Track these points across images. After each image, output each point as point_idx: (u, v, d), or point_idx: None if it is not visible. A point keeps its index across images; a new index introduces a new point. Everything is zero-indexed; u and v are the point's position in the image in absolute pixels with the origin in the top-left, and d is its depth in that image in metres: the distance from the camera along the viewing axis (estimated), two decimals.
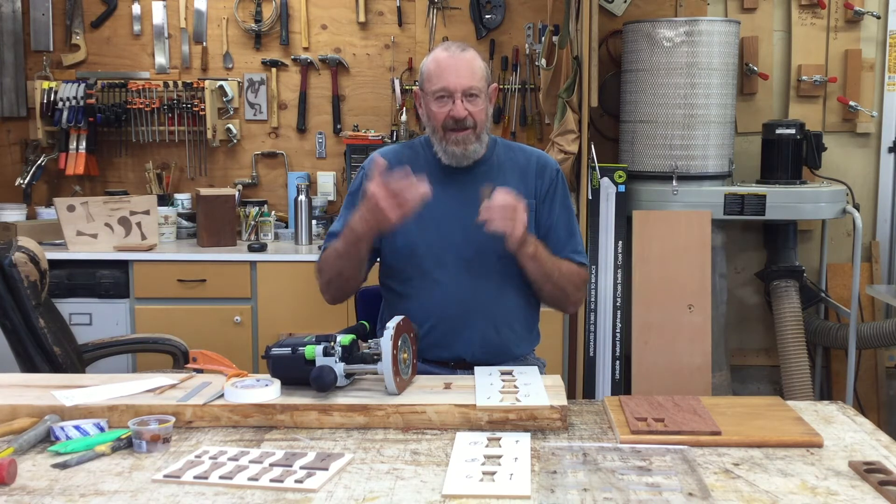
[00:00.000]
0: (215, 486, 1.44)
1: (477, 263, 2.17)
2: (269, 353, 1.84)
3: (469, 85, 2.12)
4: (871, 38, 4.07)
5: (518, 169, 2.26)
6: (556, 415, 1.70)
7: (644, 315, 3.65)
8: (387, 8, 4.18)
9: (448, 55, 2.14)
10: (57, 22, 4.22)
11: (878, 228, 4.14)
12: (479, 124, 2.15)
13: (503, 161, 2.26)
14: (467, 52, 2.16)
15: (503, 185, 2.17)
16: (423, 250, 2.19)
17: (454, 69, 2.12)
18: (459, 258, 2.18)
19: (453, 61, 2.13)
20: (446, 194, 2.19)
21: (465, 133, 2.14)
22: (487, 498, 1.37)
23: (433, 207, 2.16)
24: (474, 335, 2.18)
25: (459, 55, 2.14)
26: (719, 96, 3.68)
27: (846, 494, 1.39)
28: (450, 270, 2.17)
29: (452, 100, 2.12)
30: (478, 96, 2.14)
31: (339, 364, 1.79)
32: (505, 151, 2.29)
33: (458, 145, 2.15)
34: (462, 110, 2.11)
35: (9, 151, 4.25)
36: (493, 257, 2.17)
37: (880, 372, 4.12)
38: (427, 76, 2.17)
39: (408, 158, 2.25)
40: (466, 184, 2.19)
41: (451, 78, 2.11)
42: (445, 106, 2.13)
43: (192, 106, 4.13)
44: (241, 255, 3.71)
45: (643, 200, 3.74)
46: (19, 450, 1.58)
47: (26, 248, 2.67)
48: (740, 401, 1.94)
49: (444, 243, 2.18)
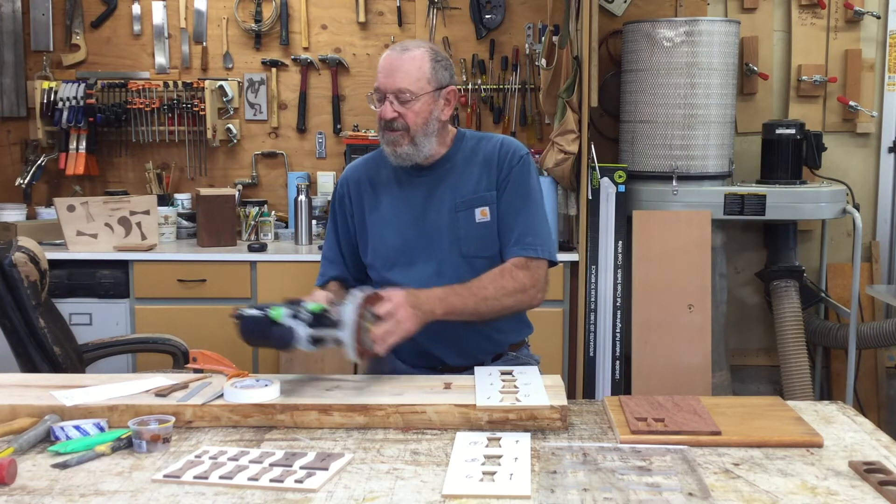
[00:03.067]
0: (215, 486, 1.44)
1: (445, 265, 2.13)
2: (239, 313, 1.84)
3: (399, 87, 2.04)
4: (871, 38, 4.07)
5: (483, 159, 2.17)
6: (556, 415, 1.70)
7: (644, 315, 3.65)
8: (387, 8, 4.18)
9: (389, 54, 2.08)
10: (57, 22, 4.22)
11: (878, 228, 4.14)
12: (413, 128, 2.07)
13: (469, 156, 2.18)
14: (410, 51, 2.07)
15: (466, 179, 2.16)
16: (389, 257, 2.17)
17: (388, 69, 2.06)
18: (427, 261, 2.14)
19: (389, 62, 2.06)
20: (410, 197, 2.17)
21: (396, 134, 2.07)
22: (487, 498, 1.37)
23: (400, 213, 2.17)
24: (452, 338, 2.12)
25: (399, 55, 2.06)
26: (719, 96, 3.68)
27: (846, 494, 1.39)
28: (418, 276, 2.12)
29: (383, 100, 2.07)
30: (410, 99, 2.05)
31: (304, 328, 1.80)
32: (473, 145, 2.20)
33: (390, 145, 2.10)
34: (389, 112, 2.05)
35: (9, 151, 4.25)
36: (459, 257, 2.13)
37: (880, 372, 4.12)
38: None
39: (375, 165, 2.24)
40: (432, 185, 2.16)
41: (383, 79, 2.06)
42: (379, 106, 2.08)
43: (192, 106, 4.13)
44: (241, 255, 3.71)
45: (643, 200, 3.74)
46: (19, 450, 1.58)
47: (26, 248, 2.67)
48: (740, 401, 1.94)
49: (409, 248, 2.15)
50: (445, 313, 1.97)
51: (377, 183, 2.22)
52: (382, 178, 2.22)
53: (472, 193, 2.14)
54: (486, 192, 2.14)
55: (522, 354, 2.29)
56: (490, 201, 2.13)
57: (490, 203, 2.13)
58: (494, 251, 2.15)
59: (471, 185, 2.15)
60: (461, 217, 2.13)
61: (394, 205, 2.18)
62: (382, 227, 2.18)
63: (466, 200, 2.14)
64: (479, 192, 2.14)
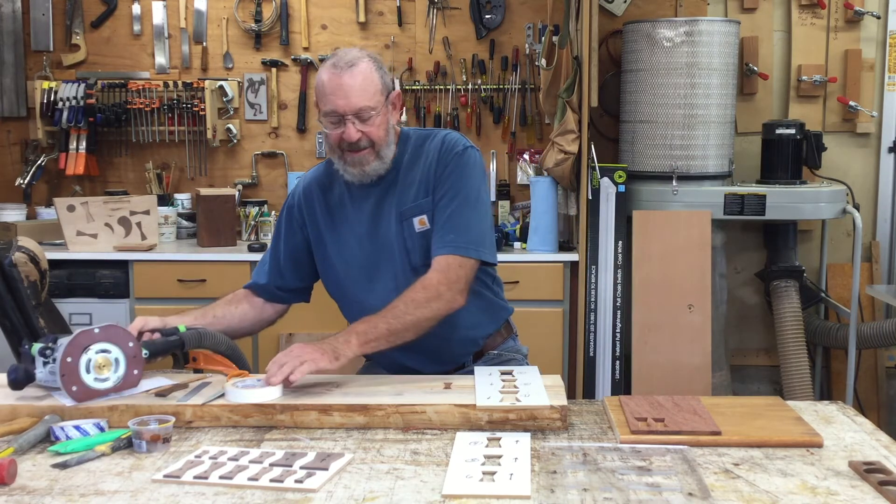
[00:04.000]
0: (215, 486, 1.44)
1: (401, 279, 2.06)
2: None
3: (359, 107, 1.95)
4: (871, 38, 4.07)
5: (424, 163, 2.08)
6: (556, 415, 1.70)
7: (644, 315, 3.65)
8: (387, 8, 4.18)
9: (334, 74, 1.95)
10: (57, 22, 4.22)
11: (878, 228, 4.14)
12: (378, 142, 2.00)
13: (410, 159, 2.10)
14: (356, 66, 1.96)
15: (406, 187, 2.08)
16: (350, 273, 2.12)
17: (342, 90, 1.94)
18: (383, 277, 2.09)
19: (340, 81, 1.94)
20: (363, 210, 2.10)
21: (362, 154, 2.00)
22: (487, 498, 1.37)
23: (353, 228, 2.11)
24: (419, 347, 2.01)
25: (347, 73, 1.95)
26: (719, 96, 3.68)
27: (846, 494, 1.39)
28: (378, 291, 2.07)
29: (343, 123, 1.96)
30: (371, 115, 1.97)
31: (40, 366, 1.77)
32: (416, 146, 2.11)
33: (356, 166, 2.02)
34: (354, 133, 1.96)
35: (9, 151, 4.25)
36: (411, 270, 2.06)
37: (880, 372, 4.12)
38: (318, 94, 2.00)
39: (327, 178, 2.16)
40: (380, 195, 2.09)
41: (338, 101, 1.95)
42: (338, 128, 1.97)
43: (192, 106, 4.13)
44: (241, 255, 3.71)
45: (643, 200, 3.74)
46: (19, 450, 1.58)
47: (26, 248, 2.67)
48: (740, 401, 1.94)
49: (368, 263, 2.10)
50: (362, 343, 1.88)
51: (330, 199, 2.15)
52: (335, 194, 2.15)
53: (412, 201, 2.06)
54: (423, 198, 2.05)
55: (507, 349, 2.23)
56: (426, 208, 2.05)
57: (426, 210, 2.05)
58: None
59: (410, 192, 2.07)
60: (405, 227, 2.06)
61: (347, 220, 2.12)
62: (339, 245, 2.13)
63: (406, 209, 2.06)
64: (418, 200, 2.06)
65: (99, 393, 1.77)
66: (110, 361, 1.79)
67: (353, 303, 2.14)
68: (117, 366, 1.80)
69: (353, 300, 2.14)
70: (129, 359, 1.81)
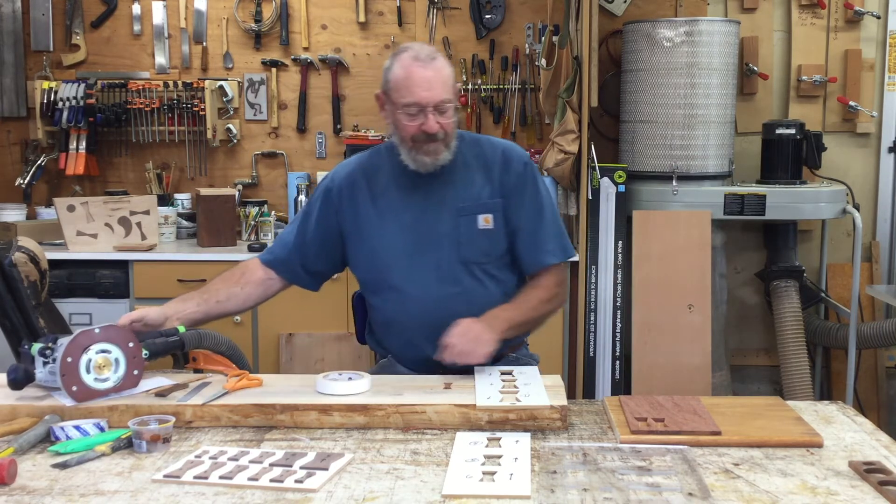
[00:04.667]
0: (215, 486, 1.44)
1: (444, 269, 2.12)
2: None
3: (441, 98, 2.03)
4: (871, 38, 4.07)
5: (483, 165, 2.18)
6: (556, 415, 1.70)
7: (644, 315, 3.65)
8: (387, 8, 4.18)
9: (419, 66, 2.02)
10: (57, 22, 4.22)
11: (878, 228, 4.14)
12: (450, 133, 2.09)
13: (468, 159, 2.18)
14: (437, 60, 2.05)
15: (468, 184, 2.15)
16: (390, 261, 2.15)
17: (426, 82, 2.01)
18: (427, 266, 2.13)
19: (424, 72, 2.01)
20: (412, 200, 2.15)
21: (437, 144, 2.07)
22: (487, 498, 1.37)
23: (399, 216, 2.15)
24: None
25: (430, 66, 2.03)
26: (719, 96, 3.68)
27: (846, 494, 1.39)
28: (419, 279, 2.12)
29: (424, 114, 2.03)
30: (449, 108, 2.06)
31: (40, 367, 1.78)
32: (470, 147, 2.20)
33: (430, 156, 2.08)
34: (435, 125, 2.03)
35: (9, 151, 4.25)
36: (459, 262, 2.13)
37: (880, 372, 4.12)
38: (395, 86, 2.05)
39: (372, 167, 2.21)
40: (432, 188, 2.15)
41: (422, 93, 2.01)
42: (416, 120, 2.04)
43: (192, 106, 4.13)
44: (241, 255, 3.70)
45: (643, 200, 3.74)
46: (19, 450, 1.58)
47: (26, 248, 2.67)
48: (740, 401, 1.94)
49: (411, 252, 2.14)
50: (504, 330, 2.03)
51: (375, 186, 2.19)
52: (380, 182, 2.19)
53: (475, 199, 2.15)
54: (489, 199, 2.15)
55: (522, 354, 2.29)
56: (494, 209, 2.15)
57: (494, 211, 2.15)
58: (494, 257, 2.16)
59: (473, 190, 2.15)
60: (462, 222, 2.13)
61: (393, 208, 2.16)
62: (381, 230, 2.16)
63: (468, 206, 2.14)
64: (483, 199, 2.15)
65: (99, 393, 1.77)
66: (110, 361, 1.79)
67: (388, 288, 2.16)
68: (117, 366, 1.80)
69: (389, 286, 2.16)
70: (129, 359, 1.81)
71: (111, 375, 1.79)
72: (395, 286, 2.15)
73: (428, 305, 2.11)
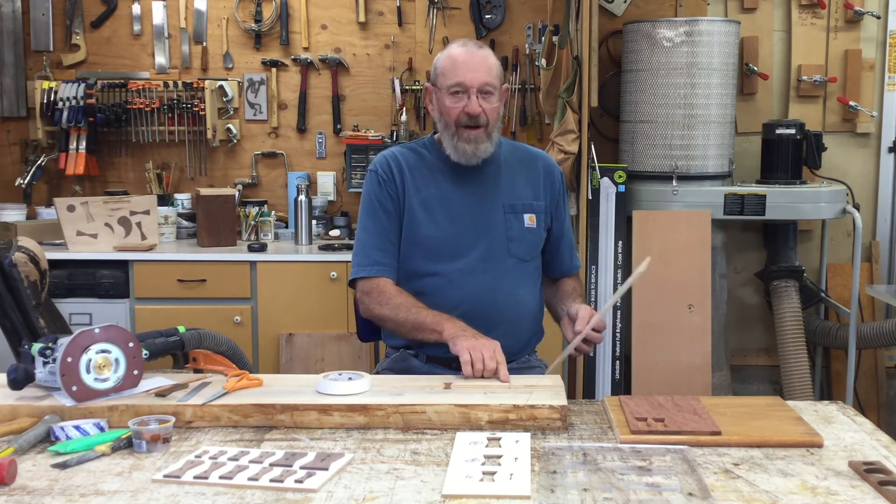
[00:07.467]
0: (215, 486, 1.44)
1: (492, 262, 2.19)
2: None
3: (485, 81, 2.11)
4: (871, 38, 4.07)
5: (525, 169, 2.28)
6: (556, 415, 1.70)
7: (644, 315, 3.65)
8: (387, 8, 4.18)
9: (465, 51, 2.13)
10: (57, 22, 4.22)
11: (878, 228, 4.14)
12: (492, 123, 2.15)
13: (510, 160, 2.27)
14: (483, 49, 2.16)
15: (512, 184, 2.23)
16: (439, 250, 2.19)
17: (471, 65, 2.11)
18: (475, 257, 2.18)
19: (470, 57, 2.12)
20: (459, 193, 2.20)
21: (478, 131, 2.13)
22: (487, 498, 1.37)
23: (447, 207, 2.19)
24: (490, 334, 2.10)
25: (476, 52, 2.14)
26: (719, 96, 3.68)
27: (846, 494, 1.39)
28: (465, 269, 2.18)
29: (468, 95, 2.11)
30: (492, 93, 2.13)
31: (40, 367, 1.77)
32: (510, 150, 2.30)
33: (470, 143, 2.14)
34: (477, 106, 2.10)
35: (9, 151, 4.25)
36: (507, 255, 2.20)
37: (880, 372, 4.12)
38: (442, 71, 2.15)
39: (414, 161, 2.24)
40: (477, 183, 2.21)
41: (467, 73, 2.10)
42: (460, 101, 2.12)
43: (192, 106, 4.13)
44: (241, 255, 3.71)
45: (643, 200, 3.74)
46: (19, 450, 1.58)
47: (26, 248, 2.67)
48: (740, 401, 1.94)
49: (459, 243, 2.19)
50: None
51: (419, 175, 2.22)
52: (424, 172, 2.23)
53: (521, 199, 2.23)
54: (534, 200, 2.25)
55: (532, 359, 2.33)
56: (538, 210, 2.25)
57: (538, 212, 2.25)
58: (534, 255, 2.26)
59: (518, 190, 2.23)
60: (510, 219, 2.21)
61: (440, 197, 2.20)
62: (429, 217, 2.19)
63: (515, 204, 2.22)
64: (528, 200, 2.25)
65: (99, 393, 1.77)
66: (110, 361, 1.79)
67: (430, 275, 2.18)
68: (117, 366, 1.80)
69: (432, 272, 2.18)
70: (129, 359, 1.81)
71: (111, 375, 1.79)
72: (440, 273, 2.18)
73: (473, 295, 2.16)
